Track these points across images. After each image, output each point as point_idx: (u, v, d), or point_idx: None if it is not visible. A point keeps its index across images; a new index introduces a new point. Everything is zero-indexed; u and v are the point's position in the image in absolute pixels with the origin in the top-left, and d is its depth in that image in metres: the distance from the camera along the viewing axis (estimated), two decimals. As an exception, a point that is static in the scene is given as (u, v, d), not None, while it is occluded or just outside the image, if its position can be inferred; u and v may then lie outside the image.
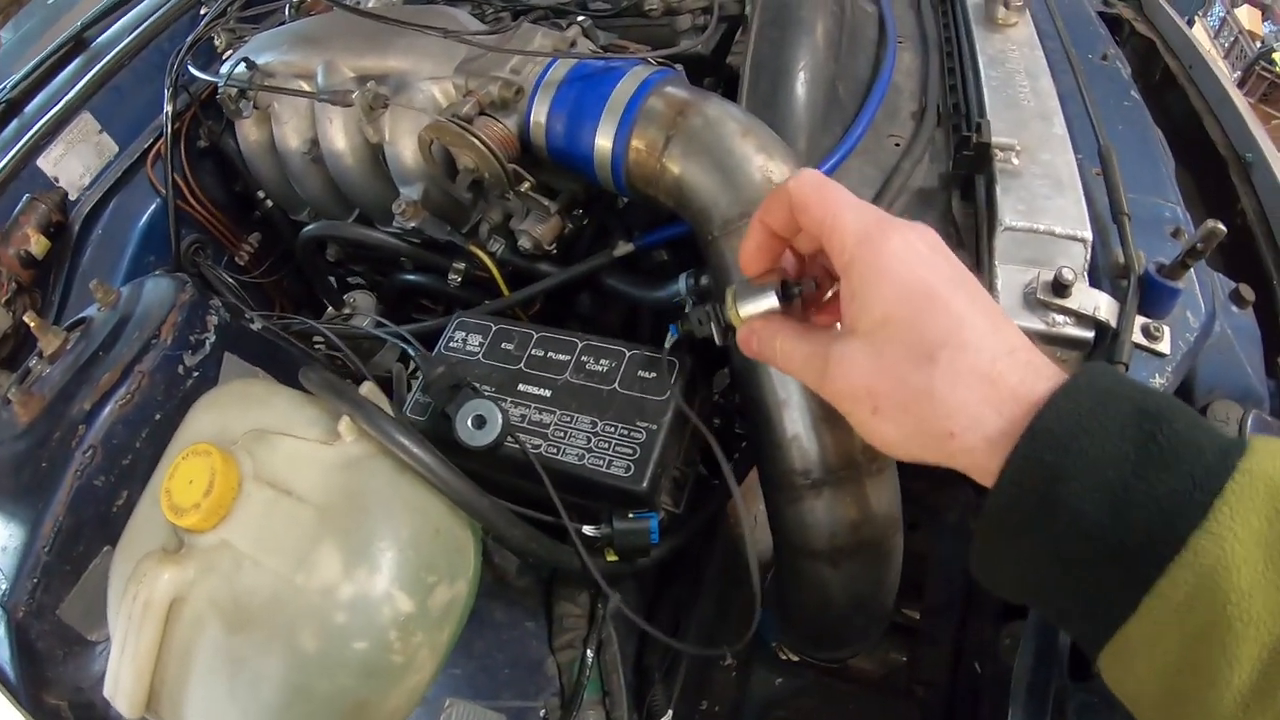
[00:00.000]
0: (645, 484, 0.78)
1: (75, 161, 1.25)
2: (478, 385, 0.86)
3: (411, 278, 1.22)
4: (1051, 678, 0.73)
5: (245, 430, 0.77)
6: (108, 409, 0.86)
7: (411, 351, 0.94)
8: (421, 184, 1.06)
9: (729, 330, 0.64)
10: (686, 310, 0.93)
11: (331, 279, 1.40)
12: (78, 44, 1.35)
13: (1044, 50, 1.17)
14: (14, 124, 1.29)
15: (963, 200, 1.00)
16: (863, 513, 0.81)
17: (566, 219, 1.03)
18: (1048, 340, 0.84)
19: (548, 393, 0.86)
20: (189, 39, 1.27)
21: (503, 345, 0.92)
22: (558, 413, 0.84)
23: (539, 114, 0.97)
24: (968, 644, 1.05)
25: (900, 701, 1.00)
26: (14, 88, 1.30)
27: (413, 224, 1.05)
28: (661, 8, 1.14)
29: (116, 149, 1.29)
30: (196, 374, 0.92)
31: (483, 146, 0.94)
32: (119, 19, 1.40)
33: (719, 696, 1.01)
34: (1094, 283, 0.87)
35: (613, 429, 0.81)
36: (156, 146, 1.29)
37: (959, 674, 1.03)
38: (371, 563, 0.69)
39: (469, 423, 0.81)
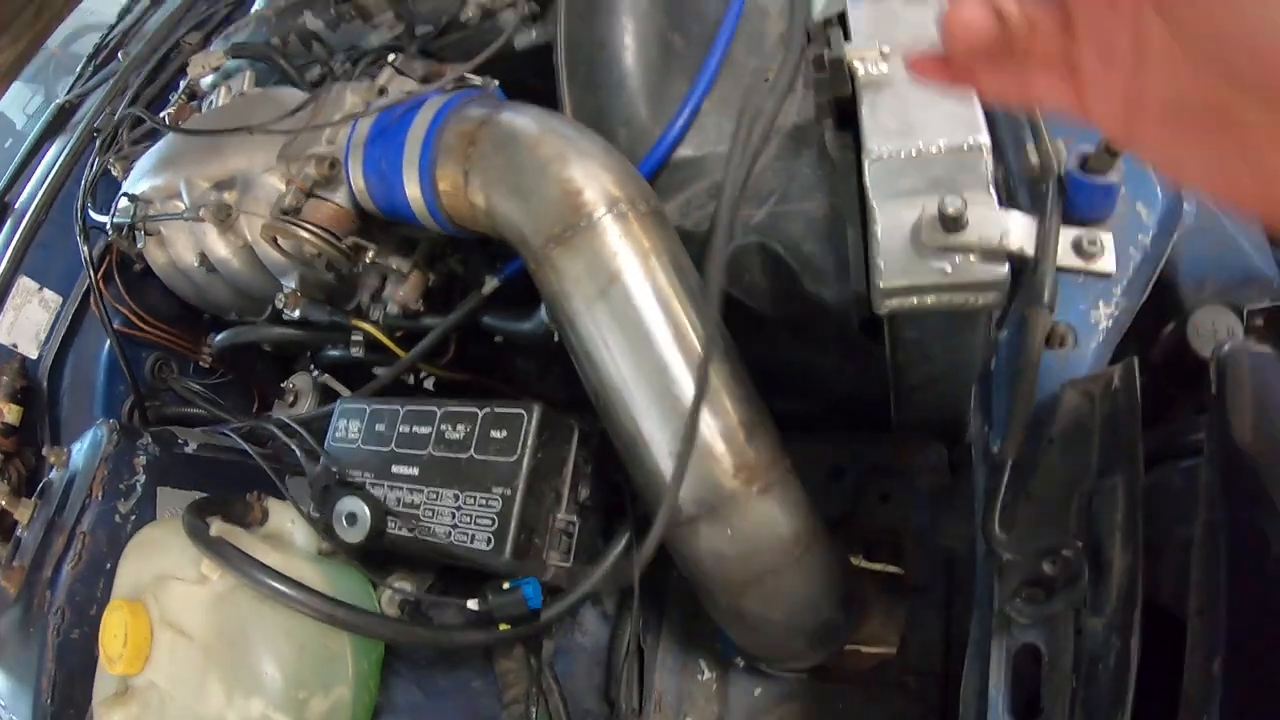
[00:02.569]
0: (508, 554, 0.76)
1: (26, 324, 1.34)
2: (351, 478, 0.86)
3: (330, 353, 1.23)
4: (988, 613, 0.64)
5: (150, 577, 0.82)
6: (64, 572, 0.94)
7: (299, 453, 0.95)
8: (295, 273, 1.07)
9: None
10: (555, 339, 0.90)
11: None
12: (1, 210, 1.43)
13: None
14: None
15: (839, 129, 0.85)
16: (751, 543, 0.75)
17: (429, 270, 1.01)
18: (953, 290, 0.67)
19: (415, 470, 0.85)
20: (84, 182, 1.31)
21: (376, 427, 0.92)
22: (424, 490, 0.83)
23: (356, 180, 0.94)
24: (956, 625, 0.95)
25: (893, 694, 0.93)
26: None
27: (296, 313, 1.06)
28: (478, 13, 1.07)
29: (60, 299, 1.36)
30: (133, 517, 0.99)
31: (313, 235, 0.93)
32: (31, 175, 1.46)
33: (701, 712, 0.99)
34: (1008, 197, 0.71)
35: (472, 500, 0.80)
36: (90, 288, 1.35)
37: (950, 659, 0.93)
38: (246, 689, 0.75)
39: (343, 521, 0.82)
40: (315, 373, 1.29)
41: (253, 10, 1.34)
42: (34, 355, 1.34)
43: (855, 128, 0.77)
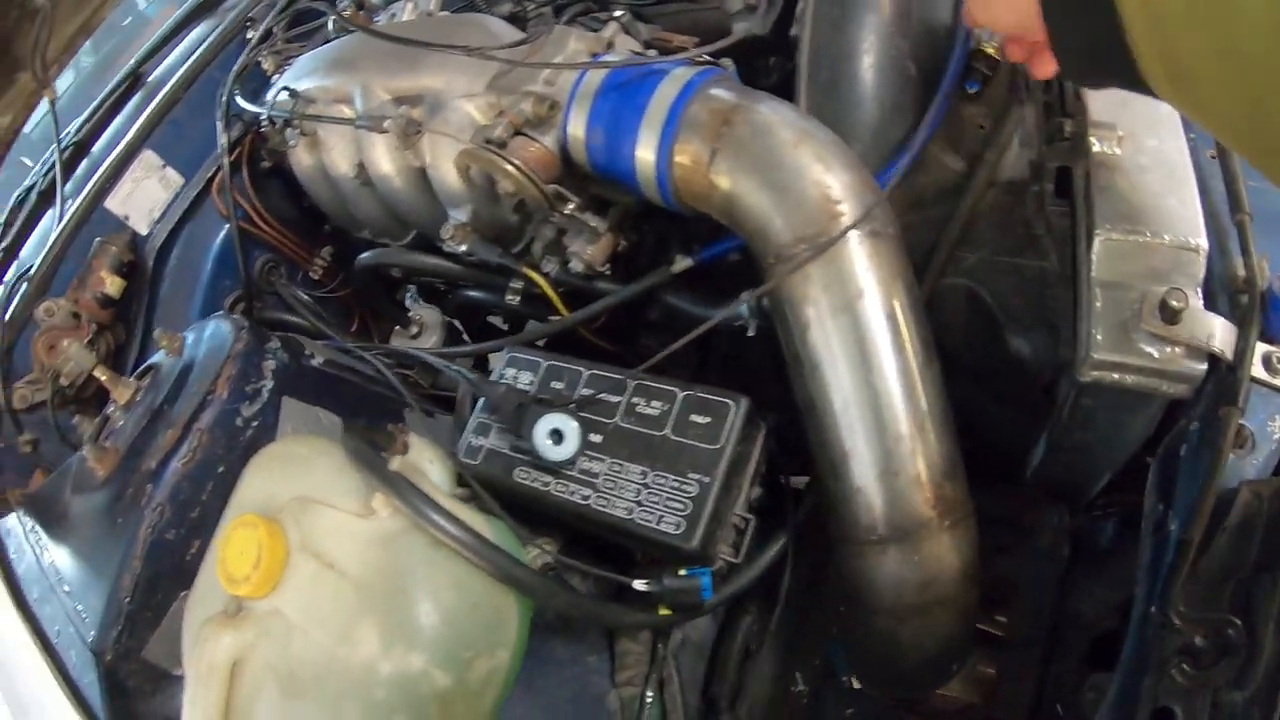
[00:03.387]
0: (696, 542, 0.73)
1: (142, 198, 1.28)
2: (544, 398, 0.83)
3: (473, 294, 1.19)
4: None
5: (289, 497, 0.77)
6: (171, 467, 0.89)
7: (469, 377, 0.91)
8: (469, 206, 1.03)
9: None
10: (750, 333, 0.88)
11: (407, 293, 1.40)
12: (134, 81, 1.37)
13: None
14: (84, 164, 1.32)
15: (1058, 196, 0.87)
16: (931, 572, 0.75)
17: (620, 235, 0.98)
18: (1154, 375, 0.72)
19: (599, 437, 0.82)
20: (234, 69, 1.26)
21: (553, 384, 0.88)
22: (608, 460, 0.80)
23: (576, 129, 0.91)
24: (1050, 685, 0.95)
25: None
26: (79, 130, 1.33)
27: (462, 248, 1.02)
28: (705, -15, 1.05)
29: (181, 181, 1.31)
30: (255, 424, 0.93)
31: (517, 173, 0.89)
32: (170, 52, 1.40)
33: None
34: (1207, 298, 0.73)
35: (663, 480, 0.77)
36: (220, 174, 1.31)
37: (1039, 716, 0.94)
38: (408, 641, 0.68)
39: (546, 438, 0.79)
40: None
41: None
42: (144, 231, 1.28)
43: (1072, 198, 0.82)
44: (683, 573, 0.74)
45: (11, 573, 1.02)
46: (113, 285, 1.21)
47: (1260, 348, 0.71)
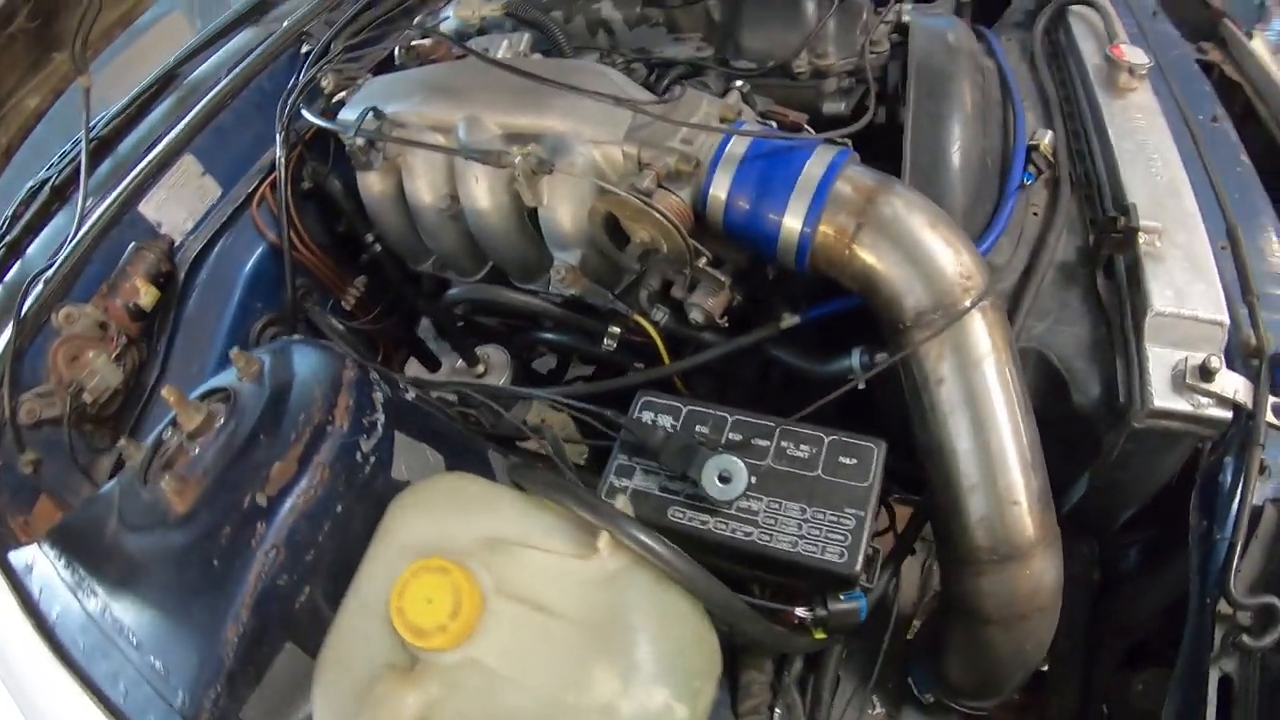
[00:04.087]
0: (859, 569, 0.80)
1: (178, 206, 1.19)
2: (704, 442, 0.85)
3: (551, 337, 1.19)
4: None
5: (472, 539, 0.74)
6: (288, 504, 0.80)
7: (628, 423, 0.91)
8: (579, 250, 1.04)
9: None
10: (860, 387, 0.96)
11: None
12: (168, 81, 1.28)
13: (1166, 109, 1.19)
14: (107, 163, 1.21)
15: (1106, 278, 1.04)
16: (1036, 585, 0.88)
17: (734, 291, 1.03)
18: (1192, 420, 0.90)
19: (754, 478, 0.85)
20: (301, 80, 1.21)
21: (697, 427, 0.90)
22: (765, 499, 0.84)
23: (719, 189, 0.95)
24: (1093, 691, 1.14)
25: None
26: (106, 125, 1.22)
27: (572, 290, 1.03)
28: (810, 70, 1.14)
29: (220, 191, 1.23)
30: (374, 459, 0.87)
31: (668, 223, 0.93)
32: (210, 57, 1.32)
33: None
34: (1227, 361, 0.91)
35: (821, 515, 0.83)
36: (261, 189, 1.24)
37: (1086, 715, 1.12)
38: (648, 677, 0.68)
39: (715, 478, 0.81)
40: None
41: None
42: (176, 241, 1.18)
43: (1115, 278, 1.01)
44: (843, 598, 0.80)
45: (44, 620, 0.89)
46: (148, 295, 1.11)
47: (1273, 399, 0.90)
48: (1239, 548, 0.84)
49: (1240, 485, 0.87)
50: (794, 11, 1.14)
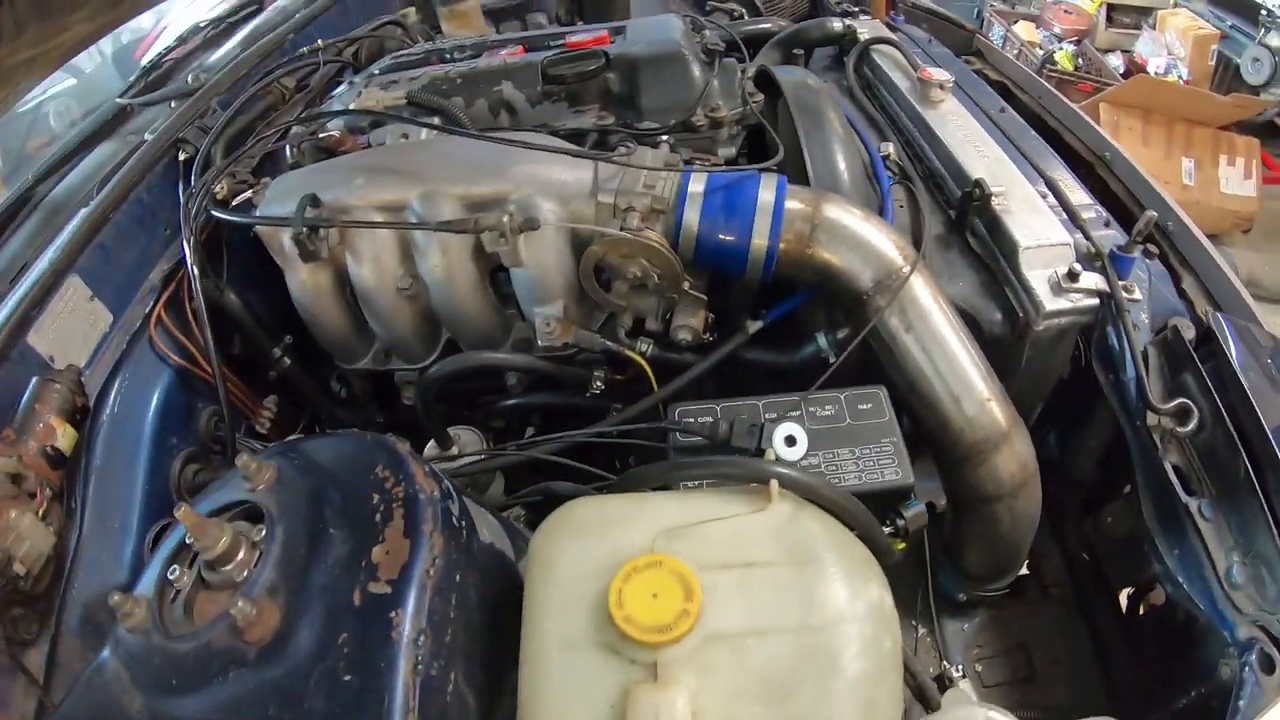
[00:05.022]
0: (912, 475, 0.96)
1: (70, 336, 1.02)
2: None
3: (524, 400, 1.19)
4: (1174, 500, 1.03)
5: (647, 537, 0.76)
6: (416, 580, 0.72)
7: (694, 429, 0.96)
8: (561, 301, 1.08)
9: None
10: (832, 360, 1.11)
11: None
12: (22, 203, 1.10)
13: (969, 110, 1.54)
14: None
15: (973, 235, 1.32)
16: (1023, 457, 1.09)
17: (707, 309, 1.12)
18: (1075, 312, 1.18)
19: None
20: (200, 183, 1.12)
21: (737, 417, 0.97)
22: (820, 453, 0.96)
23: (690, 221, 1.06)
24: (1070, 547, 1.40)
25: (1046, 603, 1.36)
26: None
27: (563, 341, 1.06)
28: (708, 122, 1.30)
29: (110, 318, 1.08)
30: (464, 523, 0.82)
31: (665, 250, 1.01)
32: (69, 174, 1.17)
33: (930, 655, 1.28)
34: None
35: (867, 450, 0.97)
36: (156, 311, 1.11)
37: (1073, 569, 1.37)
38: (863, 577, 0.76)
39: (782, 442, 0.93)
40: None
41: (431, 70, 1.35)
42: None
43: (978, 235, 1.29)
44: (906, 506, 0.96)
45: None
46: (66, 437, 0.94)
47: (1121, 282, 1.20)
48: (1144, 378, 1.11)
49: (1126, 338, 1.14)
50: (684, 76, 1.31)
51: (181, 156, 1.21)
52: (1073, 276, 1.18)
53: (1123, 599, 1.35)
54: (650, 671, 0.68)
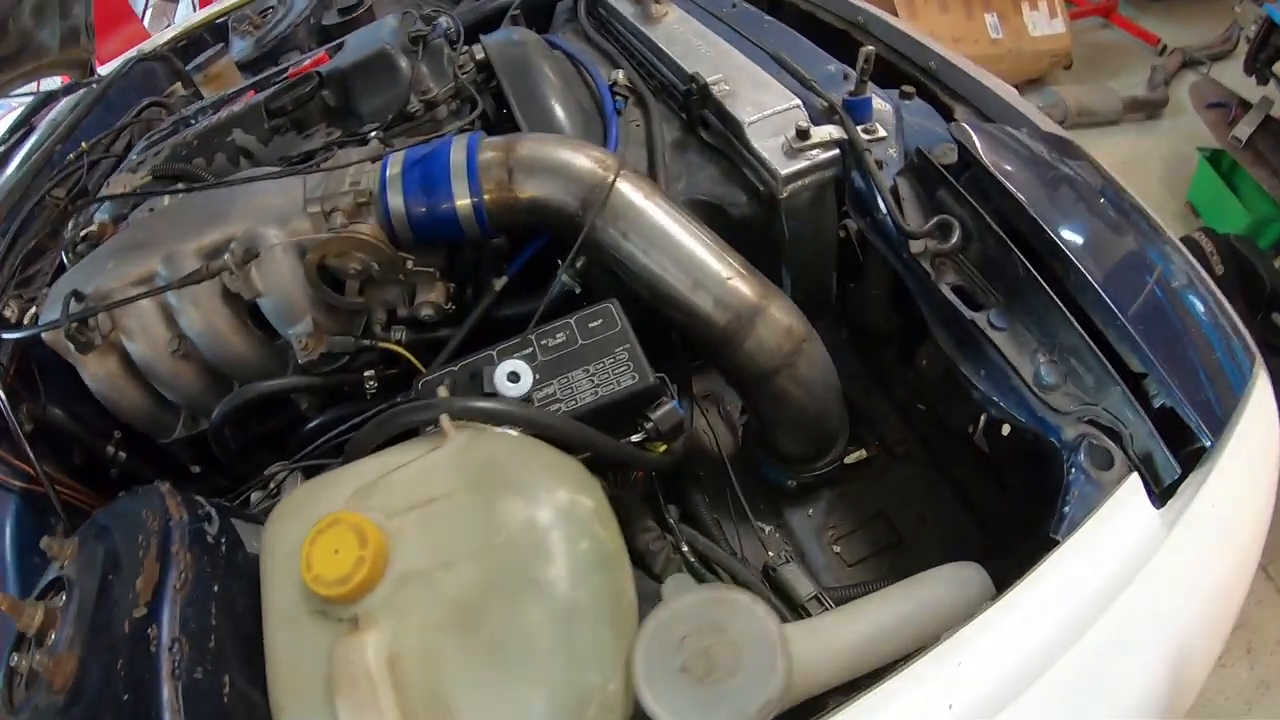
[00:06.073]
0: (651, 376, 1.00)
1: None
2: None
3: (321, 419, 1.24)
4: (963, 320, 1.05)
5: (340, 500, 0.82)
6: (167, 596, 0.81)
7: (424, 396, 1.00)
8: (308, 316, 1.15)
9: None
10: (577, 291, 1.17)
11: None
12: None
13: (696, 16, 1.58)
14: None
15: (705, 129, 1.37)
16: (784, 324, 1.12)
17: (446, 280, 1.20)
18: (816, 169, 1.21)
19: (536, 374, 1.01)
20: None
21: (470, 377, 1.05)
22: (554, 381, 1.01)
23: (395, 203, 1.13)
24: (902, 402, 1.42)
25: (898, 462, 1.36)
26: None
27: (319, 352, 1.14)
28: (422, 108, 1.37)
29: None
30: (224, 539, 0.91)
31: (369, 238, 1.09)
32: None
33: (781, 550, 1.30)
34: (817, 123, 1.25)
35: (601, 364, 1.01)
36: None
37: (912, 423, 1.39)
38: (545, 484, 0.80)
39: (505, 381, 0.97)
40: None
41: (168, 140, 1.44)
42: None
43: (713, 125, 1.33)
44: (656, 407, 1.00)
45: None
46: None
47: (860, 128, 1.24)
48: (895, 209, 1.14)
49: (872, 176, 1.17)
50: (391, 72, 1.38)
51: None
52: (802, 135, 1.21)
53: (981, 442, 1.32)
54: (355, 625, 0.74)
